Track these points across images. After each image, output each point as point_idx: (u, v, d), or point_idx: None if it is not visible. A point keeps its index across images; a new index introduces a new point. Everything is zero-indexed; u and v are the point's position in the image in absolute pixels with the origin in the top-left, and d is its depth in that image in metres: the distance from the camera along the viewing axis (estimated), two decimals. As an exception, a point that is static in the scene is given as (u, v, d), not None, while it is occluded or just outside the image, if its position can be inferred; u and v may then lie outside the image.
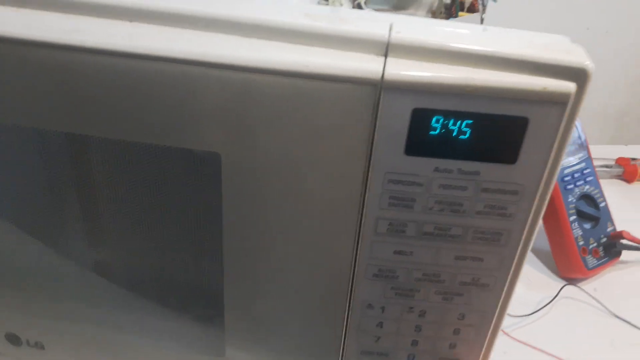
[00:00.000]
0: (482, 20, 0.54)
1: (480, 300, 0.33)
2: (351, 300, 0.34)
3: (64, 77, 0.29)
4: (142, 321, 0.39)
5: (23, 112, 0.30)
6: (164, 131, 0.30)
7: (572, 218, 0.56)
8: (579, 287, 0.56)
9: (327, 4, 0.42)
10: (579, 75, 0.26)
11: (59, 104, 0.30)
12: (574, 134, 0.60)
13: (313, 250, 0.32)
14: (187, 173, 0.32)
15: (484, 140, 0.28)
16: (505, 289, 0.33)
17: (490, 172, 0.29)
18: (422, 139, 0.28)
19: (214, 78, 0.28)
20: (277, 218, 0.31)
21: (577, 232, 0.56)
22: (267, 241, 0.32)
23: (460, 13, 0.53)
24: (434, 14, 0.56)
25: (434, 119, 0.28)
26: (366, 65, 0.27)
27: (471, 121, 0.28)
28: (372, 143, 0.28)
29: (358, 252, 0.32)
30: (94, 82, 0.29)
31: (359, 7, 0.41)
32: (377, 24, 0.28)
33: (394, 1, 0.57)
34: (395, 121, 0.27)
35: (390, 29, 0.28)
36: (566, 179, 0.57)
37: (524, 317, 0.52)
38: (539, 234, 0.58)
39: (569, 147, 0.60)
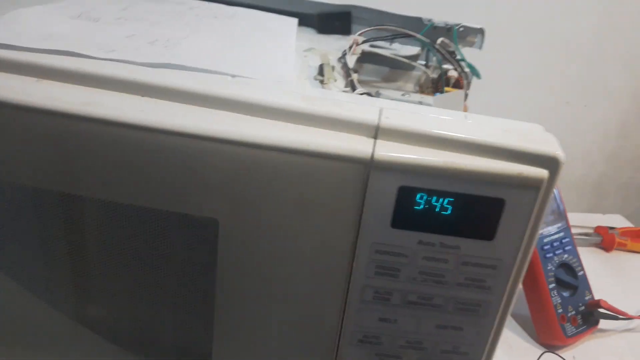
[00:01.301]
0: (466, 96, 0.57)
1: (460, 367, 0.35)
2: (337, 364, 0.35)
3: (76, 144, 0.31)
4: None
5: (27, 173, 0.33)
6: (167, 197, 0.32)
7: (552, 286, 0.58)
8: (557, 354, 0.57)
9: (323, 79, 0.45)
10: (551, 163, 0.29)
11: (68, 169, 0.32)
12: (552, 204, 0.63)
13: (301, 314, 0.34)
14: (185, 236, 0.34)
15: (464, 218, 0.30)
16: (484, 356, 0.34)
17: (470, 246, 0.31)
18: (407, 214, 0.30)
19: (217, 151, 0.30)
20: (268, 282, 0.33)
21: (556, 299, 0.58)
22: (257, 304, 0.34)
23: (446, 88, 0.56)
24: (422, 87, 0.59)
25: (418, 195, 0.30)
26: (357, 146, 0.29)
27: (452, 199, 0.30)
28: (360, 216, 0.30)
29: (344, 318, 0.33)
30: (104, 150, 0.31)
31: (352, 84, 0.44)
32: (368, 108, 0.31)
33: (384, 74, 0.60)
34: (383, 197, 0.30)
35: (380, 114, 0.30)
36: (545, 247, 0.59)
37: (504, 384, 0.53)
38: (519, 300, 0.60)
39: (548, 216, 0.62)
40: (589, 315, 0.60)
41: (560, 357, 0.57)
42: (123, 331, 0.39)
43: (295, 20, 0.56)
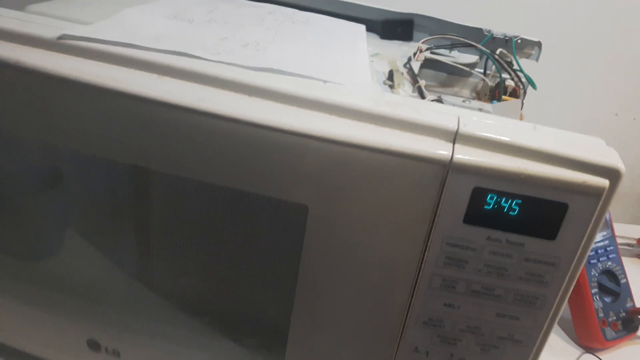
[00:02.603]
0: (522, 105, 0.60)
1: (513, 353, 0.38)
2: (400, 343, 0.39)
3: (190, 135, 0.35)
4: (211, 343, 0.44)
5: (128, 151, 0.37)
6: (266, 184, 0.36)
7: (594, 291, 0.61)
8: (596, 356, 0.60)
9: (392, 84, 0.49)
10: (612, 174, 0.32)
11: (181, 157, 0.36)
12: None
13: (374, 296, 0.38)
14: (276, 219, 0.38)
15: (530, 218, 0.34)
16: (536, 346, 0.38)
17: (533, 245, 0.34)
18: (478, 212, 0.34)
19: (312, 147, 0.34)
20: (348, 266, 0.37)
21: (598, 304, 0.61)
22: (335, 285, 0.38)
23: (503, 97, 0.59)
24: (478, 94, 0.62)
25: (489, 196, 0.34)
26: (438, 149, 0.33)
27: (520, 201, 0.33)
28: (436, 211, 0.34)
29: (412, 301, 0.37)
30: (212, 140, 0.35)
31: (420, 90, 0.48)
32: (446, 116, 0.35)
33: (442, 79, 0.64)
34: (458, 195, 0.33)
35: (459, 121, 0.34)
36: (590, 254, 0.62)
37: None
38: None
39: (594, 224, 0.65)
40: (630, 321, 0.62)
41: (599, 358, 0.60)
42: (209, 303, 0.43)
43: (363, 27, 0.59)
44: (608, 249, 0.63)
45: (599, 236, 0.64)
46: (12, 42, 0.37)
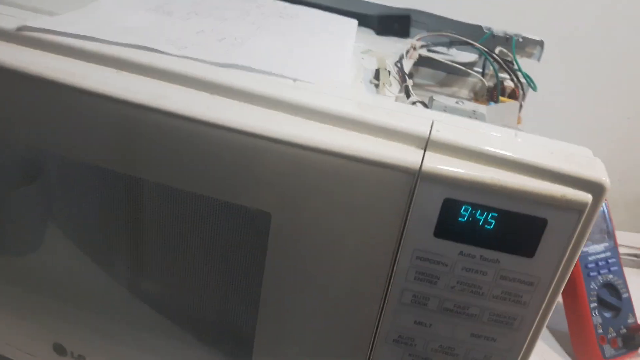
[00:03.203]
0: (520, 107, 0.57)
1: (489, 376, 0.36)
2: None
3: (145, 132, 0.34)
4: (177, 349, 0.42)
5: (97, 154, 0.35)
6: (225, 188, 0.34)
7: (593, 305, 0.58)
8: (593, 373, 0.57)
9: (378, 83, 0.46)
10: (596, 188, 0.29)
11: (135, 154, 0.34)
12: (601, 223, 0.62)
13: (341, 309, 0.36)
14: (238, 226, 0.36)
15: (506, 233, 0.31)
16: (515, 369, 0.35)
17: (510, 262, 0.32)
18: (450, 225, 0.31)
19: (273, 150, 0.32)
20: (313, 276, 0.35)
21: (597, 319, 0.58)
22: (301, 295, 0.36)
23: (501, 98, 0.57)
24: (476, 95, 0.60)
25: (462, 208, 0.31)
26: (407, 157, 0.31)
27: (496, 214, 0.31)
28: (404, 222, 0.32)
29: (381, 317, 0.35)
30: (169, 140, 0.33)
31: (407, 89, 0.45)
32: (419, 120, 0.32)
33: (440, 79, 0.61)
34: (428, 207, 0.31)
35: (432, 127, 0.32)
36: (590, 265, 0.59)
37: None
38: (558, 315, 0.60)
39: (595, 235, 0.62)
40: (630, 338, 0.59)
41: (595, 376, 0.57)
42: (174, 310, 0.42)
43: (355, 22, 0.57)
44: (609, 260, 0.60)
45: (600, 247, 0.61)
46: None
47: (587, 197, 0.29)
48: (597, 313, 0.58)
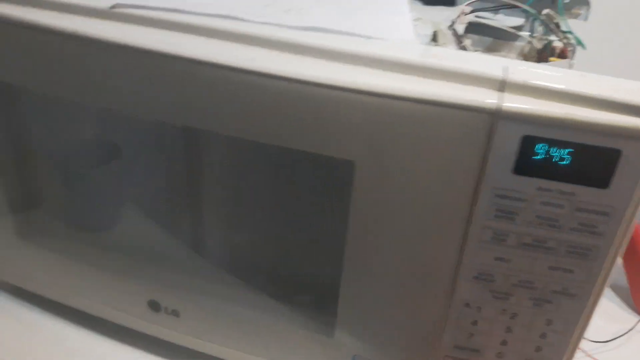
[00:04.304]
0: (571, 66, 0.58)
1: (567, 308, 0.38)
2: (452, 298, 0.39)
3: (244, 94, 0.36)
4: (263, 301, 0.45)
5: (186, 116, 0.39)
6: (309, 140, 0.37)
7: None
8: (655, 323, 0.58)
9: (437, 44, 0.49)
10: (668, 116, 0.31)
11: (225, 113, 0.37)
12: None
13: (424, 251, 0.38)
14: (322, 176, 0.39)
15: (581, 166, 0.33)
16: (591, 300, 0.37)
17: (585, 194, 0.34)
18: (528, 162, 0.33)
19: (356, 100, 0.35)
20: (397, 221, 0.37)
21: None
22: (385, 242, 0.38)
23: (551, 58, 0.58)
24: (525, 57, 0.61)
25: (538, 146, 0.33)
26: (486, 98, 0.33)
27: (571, 149, 0.33)
28: (484, 162, 0.34)
29: (463, 255, 0.37)
30: (258, 97, 0.36)
31: (464, 49, 0.47)
32: (493, 65, 0.34)
33: (488, 44, 0.62)
34: (507, 145, 0.33)
35: (506, 70, 0.34)
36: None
37: (602, 344, 0.55)
38: (619, 273, 0.61)
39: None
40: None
41: (657, 324, 0.58)
42: (259, 262, 0.45)
43: (404, -9, 0.59)
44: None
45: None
46: (67, 13, 0.39)
47: (660, 125, 0.31)
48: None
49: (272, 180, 0.40)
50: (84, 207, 0.53)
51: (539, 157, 0.33)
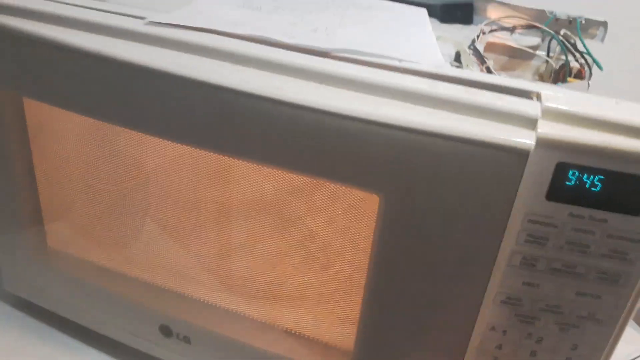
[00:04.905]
0: (588, 86, 0.59)
1: (593, 334, 0.38)
2: (477, 321, 0.39)
3: (270, 123, 0.36)
4: (280, 339, 0.45)
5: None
6: (335, 171, 0.36)
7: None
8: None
9: (460, 65, 0.49)
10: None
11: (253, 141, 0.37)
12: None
13: (451, 274, 0.38)
14: (347, 208, 0.38)
15: (613, 193, 0.33)
16: (618, 325, 0.37)
17: (617, 221, 0.34)
18: (561, 188, 0.34)
19: (386, 135, 0.34)
20: (422, 254, 0.37)
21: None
22: (409, 275, 0.38)
23: (569, 79, 0.58)
24: (541, 76, 0.61)
25: (570, 172, 0.33)
26: (523, 137, 0.33)
27: (603, 177, 0.33)
28: (517, 189, 0.34)
29: (490, 280, 0.37)
30: (284, 126, 0.36)
31: (488, 70, 0.48)
32: (528, 90, 0.34)
33: (503, 63, 0.63)
34: (541, 171, 0.33)
35: (540, 99, 0.34)
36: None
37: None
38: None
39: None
40: None
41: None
42: (273, 290, 0.44)
43: (424, 11, 0.59)
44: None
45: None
46: (97, 34, 0.39)
47: (695, 155, 0.31)
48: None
49: (295, 209, 0.40)
50: (107, 224, 0.53)
51: (571, 182, 0.33)
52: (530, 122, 0.33)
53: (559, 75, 0.59)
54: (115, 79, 0.39)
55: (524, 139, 0.33)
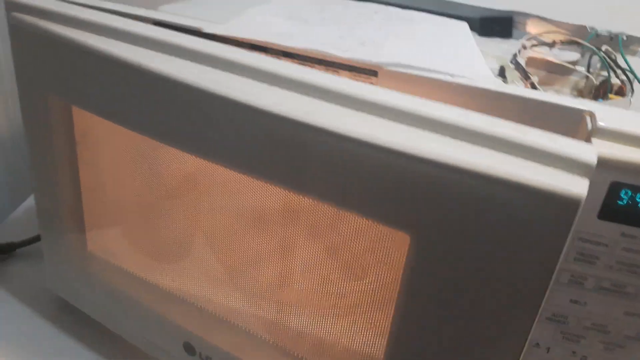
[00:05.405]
0: (630, 104, 0.58)
1: (639, 354, 0.38)
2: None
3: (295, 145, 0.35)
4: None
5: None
6: (363, 206, 0.34)
7: None
8: None
9: (506, 80, 0.49)
10: None
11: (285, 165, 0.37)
12: None
13: (497, 302, 0.36)
14: (375, 245, 0.38)
15: (667, 214, 0.33)
16: (666, 347, 0.37)
17: (669, 242, 0.34)
18: (613, 207, 0.34)
19: (421, 171, 0.32)
20: (458, 293, 0.35)
21: None
22: (442, 316, 0.36)
23: (610, 96, 0.58)
24: (581, 92, 0.61)
25: (622, 192, 0.33)
26: (574, 185, 0.31)
27: (657, 197, 0.33)
28: (569, 230, 0.33)
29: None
30: (313, 152, 0.35)
31: (533, 86, 0.48)
32: (580, 146, 0.33)
33: (541, 77, 0.63)
34: (595, 190, 0.33)
35: (593, 117, 0.34)
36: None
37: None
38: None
39: None
40: None
41: None
42: (302, 322, 0.44)
43: (466, 24, 0.60)
44: None
45: None
46: (148, 49, 0.39)
47: None
48: None
49: (323, 242, 0.40)
50: (143, 235, 0.54)
51: (623, 202, 0.34)
52: (585, 169, 0.32)
53: (599, 92, 0.59)
54: (168, 98, 0.38)
55: (578, 188, 0.31)
